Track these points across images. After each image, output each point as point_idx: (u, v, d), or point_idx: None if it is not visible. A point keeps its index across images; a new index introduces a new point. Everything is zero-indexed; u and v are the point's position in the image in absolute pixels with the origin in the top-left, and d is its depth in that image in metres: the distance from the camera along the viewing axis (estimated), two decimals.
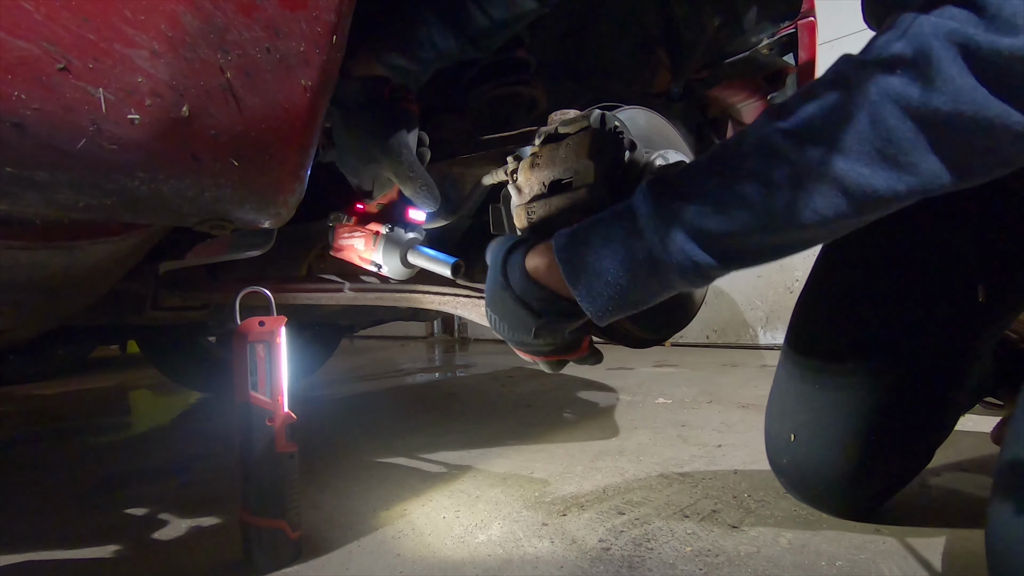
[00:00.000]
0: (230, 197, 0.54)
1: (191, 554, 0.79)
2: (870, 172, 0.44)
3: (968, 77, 0.39)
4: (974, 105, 0.40)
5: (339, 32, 0.53)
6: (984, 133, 0.40)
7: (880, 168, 0.43)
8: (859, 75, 0.44)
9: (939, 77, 0.40)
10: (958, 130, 0.41)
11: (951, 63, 0.40)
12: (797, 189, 0.46)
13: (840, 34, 2.73)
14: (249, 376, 0.71)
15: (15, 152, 0.43)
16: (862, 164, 0.44)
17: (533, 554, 0.73)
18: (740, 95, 1.25)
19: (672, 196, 0.51)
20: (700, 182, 0.50)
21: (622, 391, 1.87)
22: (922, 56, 0.41)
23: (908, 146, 0.42)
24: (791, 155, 0.46)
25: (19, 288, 0.71)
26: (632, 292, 0.53)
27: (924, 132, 0.42)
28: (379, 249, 0.77)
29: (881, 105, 0.42)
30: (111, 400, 2.22)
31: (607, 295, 0.53)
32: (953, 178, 0.43)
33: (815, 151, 0.45)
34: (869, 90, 0.43)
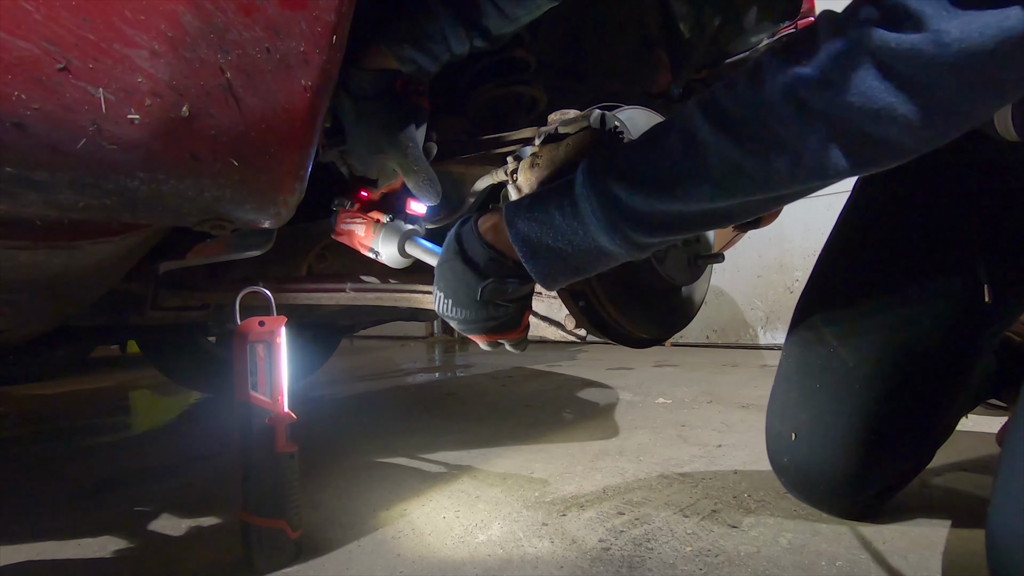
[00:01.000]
0: (230, 197, 0.54)
1: (191, 554, 0.79)
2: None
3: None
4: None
5: (339, 32, 0.53)
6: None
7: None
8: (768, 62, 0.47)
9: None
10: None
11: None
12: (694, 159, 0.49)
13: None
14: (249, 376, 0.71)
15: (15, 152, 0.43)
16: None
17: (533, 554, 0.73)
18: None
19: (605, 172, 0.54)
20: (629, 158, 0.54)
21: (622, 391, 1.87)
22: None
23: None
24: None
25: (19, 288, 0.71)
26: (573, 259, 0.56)
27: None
28: (379, 236, 0.78)
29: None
30: (111, 400, 2.22)
31: (549, 259, 0.56)
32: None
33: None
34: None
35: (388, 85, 0.71)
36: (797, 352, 0.83)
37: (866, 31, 0.40)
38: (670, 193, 0.51)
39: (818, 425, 0.78)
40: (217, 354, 1.98)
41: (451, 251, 0.62)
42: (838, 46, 0.42)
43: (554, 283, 0.58)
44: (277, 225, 0.62)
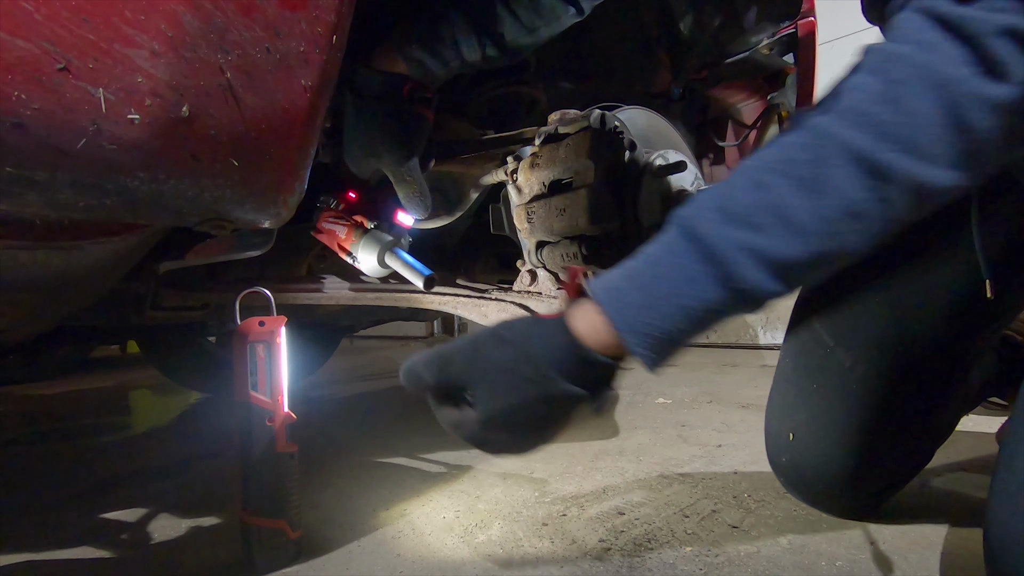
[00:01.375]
0: (230, 197, 0.54)
1: (191, 554, 0.79)
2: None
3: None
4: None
5: (339, 32, 0.53)
6: None
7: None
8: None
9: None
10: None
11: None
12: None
13: (840, 34, 2.73)
14: (249, 376, 0.71)
15: (15, 152, 0.43)
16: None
17: (533, 554, 0.73)
18: (740, 95, 1.25)
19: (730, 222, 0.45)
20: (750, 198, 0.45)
21: (622, 391, 1.87)
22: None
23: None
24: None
25: (19, 288, 0.71)
26: (691, 333, 0.48)
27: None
28: (359, 242, 0.77)
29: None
30: (111, 400, 2.22)
31: (665, 341, 0.47)
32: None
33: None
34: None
35: (394, 88, 0.69)
36: (794, 352, 0.83)
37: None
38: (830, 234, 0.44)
39: (815, 425, 0.78)
40: (217, 354, 1.98)
41: (535, 377, 0.48)
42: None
43: (661, 366, 0.49)
44: (277, 225, 0.62)
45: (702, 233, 0.45)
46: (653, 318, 0.46)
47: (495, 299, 0.89)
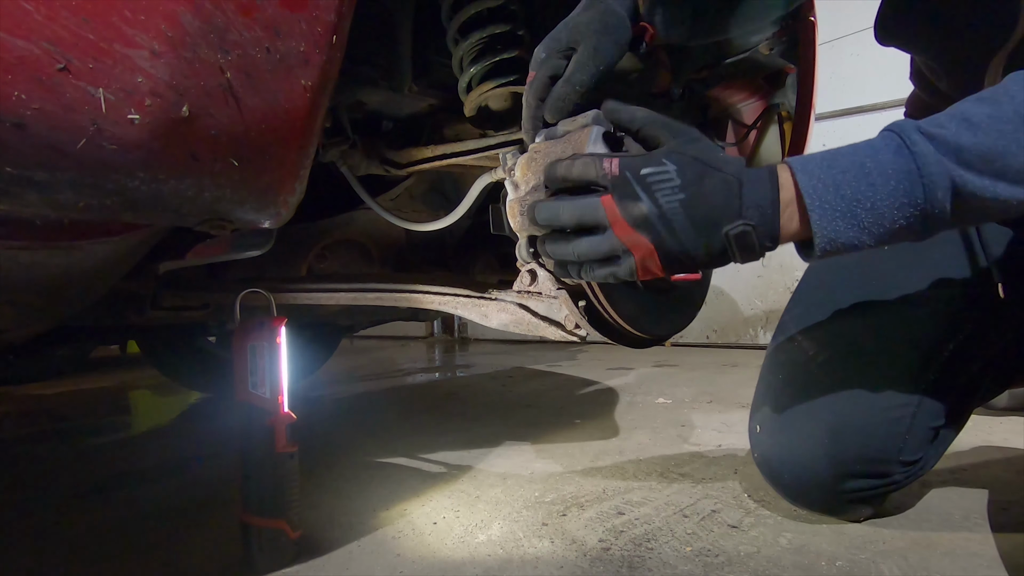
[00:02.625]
0: (230, 197, 0.54)
1: (191, 554, 0.79)
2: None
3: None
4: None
5: (339, 32, 0.53)
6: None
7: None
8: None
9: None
10: None
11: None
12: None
13: (840, 34, 2.73)
14: (249, 376, 0.71)
15: (15, 152, 0.43)
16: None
17: (533, 554, 0.73)
18: (740, 95, 1.25)
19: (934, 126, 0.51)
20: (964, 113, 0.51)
21: (622, 391, 1.87)
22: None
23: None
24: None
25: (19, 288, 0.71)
26: (877, 215, 0.50)
27: None
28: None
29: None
30: (111, 400, 2.22)
31: (843, 209, 0.50)
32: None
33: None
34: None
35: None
36: (770, 353, 0.86)
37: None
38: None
39: (779, 415, 0.78)
40: (217, 354, 1.98)
41: (729, 165, 0.52)
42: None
43: (831, 251, 0.52)
44: (277, 225, 0.62)
45: (890, 125, 0.52)
46: (830, 169, 0.50)
47: (495, 299, 0.89)
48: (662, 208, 0.51)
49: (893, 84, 2.54)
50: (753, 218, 0.51)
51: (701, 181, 0.51)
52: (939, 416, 0.75)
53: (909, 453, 0.74)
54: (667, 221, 0.51)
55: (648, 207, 0.51)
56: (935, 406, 0.74)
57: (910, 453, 0.74)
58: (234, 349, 0.72)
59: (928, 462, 0.78)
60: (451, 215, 0.95)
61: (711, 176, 0.51)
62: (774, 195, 0.51)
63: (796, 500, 0.81)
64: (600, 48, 0.61)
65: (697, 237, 0.51)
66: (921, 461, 0.76)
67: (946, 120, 0.50)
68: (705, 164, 0.52)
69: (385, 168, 0.98)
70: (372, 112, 0.96)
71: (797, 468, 0.76)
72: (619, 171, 0.52)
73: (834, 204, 0.50)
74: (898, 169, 0.49)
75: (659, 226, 0.51)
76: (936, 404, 0.74)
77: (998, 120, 0.49)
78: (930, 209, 0.50)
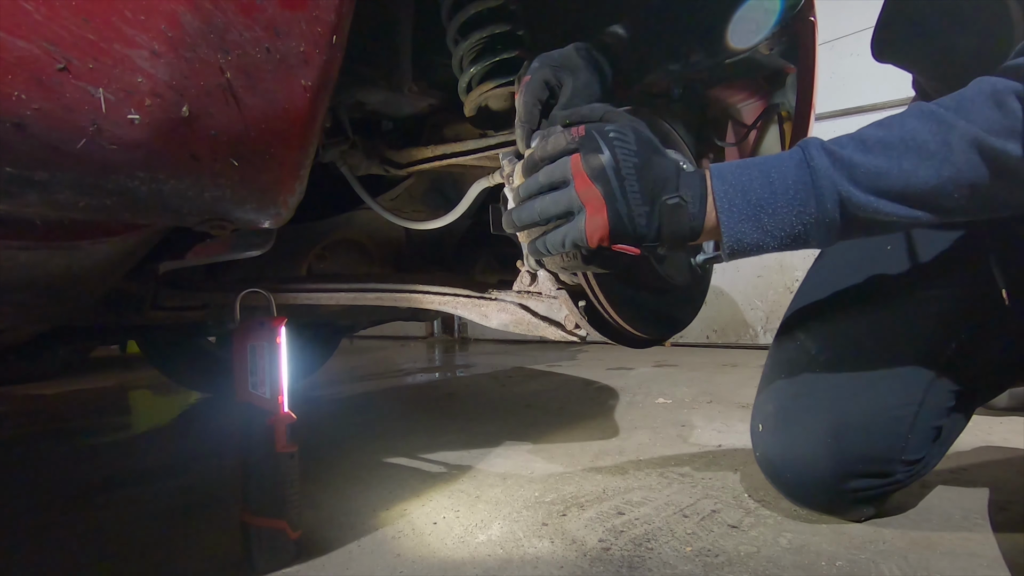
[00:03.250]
0: (230, 197, 0.54)
1: (191, 554, 0.79)
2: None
3: None
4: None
5: (339, 32, 0.53)
6: None
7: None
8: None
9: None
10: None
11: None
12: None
13: (840, 34, 2.73)
14: (249, 376, 0.71)
15: (15, 152, 0.43)
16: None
17: (533, 554, 0.73)
18: (740, 95, 1.25)
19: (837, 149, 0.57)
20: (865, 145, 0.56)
21: (622, 391, 1.87)
22: None
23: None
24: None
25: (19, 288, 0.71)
26: (777, 220, 0.57)
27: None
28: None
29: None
30: (111, 400, 2.22)
31: (747, 213, 0.57)
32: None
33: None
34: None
35: None
36: (772, 352, 0.86)
37: None
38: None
39: (782, 413, 0.78)
40: (217, 354, 1.98)
41: (675, 163, 0.60)
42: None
43: (738, 253, 0.58)
44: (277, 225, 0.62)
45: (800, 143, 0.58)
46: (740, 175, 0.57)
47: (495, 299, 0.89)
48: (619, 162, 0.56)
49: (893, 84, 2.54)
50: (687, 196, 0.57)
51: (651, 155, 0.58)
52: (942, 415, 0.75)
53: (912, 452, 0.74)
54: (620, 176, 0.56)
55: (607, 159, 0.56)
56: (938, 405, 0.74)
57: (913, 452, 0.74)
58: (234, 349, 0.72)
59: (930, 461, 0.78)
60: (447, 216, 0.95)
61: (659, 155, 0.59)
62: (703, 189, 0.58)
63: (798, 499, 0.81)
64: (585, 85, 0.70)
65: (642, 201, 0.57)
66: (923, 460, 0.76)
67: (847, 140, 0.57)
68: (655, 145, 0.60)
69: (385, 168, 0.98)
70: (372, 112, 0.96)
71: (799, 467, 0.76)
72: (585, 131, 0.58)
73: (741, 208, 0.57)
74: (797, 180, 0.56)
75: (613, 179, 0.56)
76: (938, 403, 0.74)
77: (887, 145, 0.55)
78: (822, 218, 0.56)
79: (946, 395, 0.74)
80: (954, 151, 0.53)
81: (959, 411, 0.77)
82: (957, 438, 0.80)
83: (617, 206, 0.56)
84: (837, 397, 0.74)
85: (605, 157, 0.56)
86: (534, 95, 0.69)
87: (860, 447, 0.73)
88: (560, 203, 0.58)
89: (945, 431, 0.77)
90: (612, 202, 0.56)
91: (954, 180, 0.54)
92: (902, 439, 0.73)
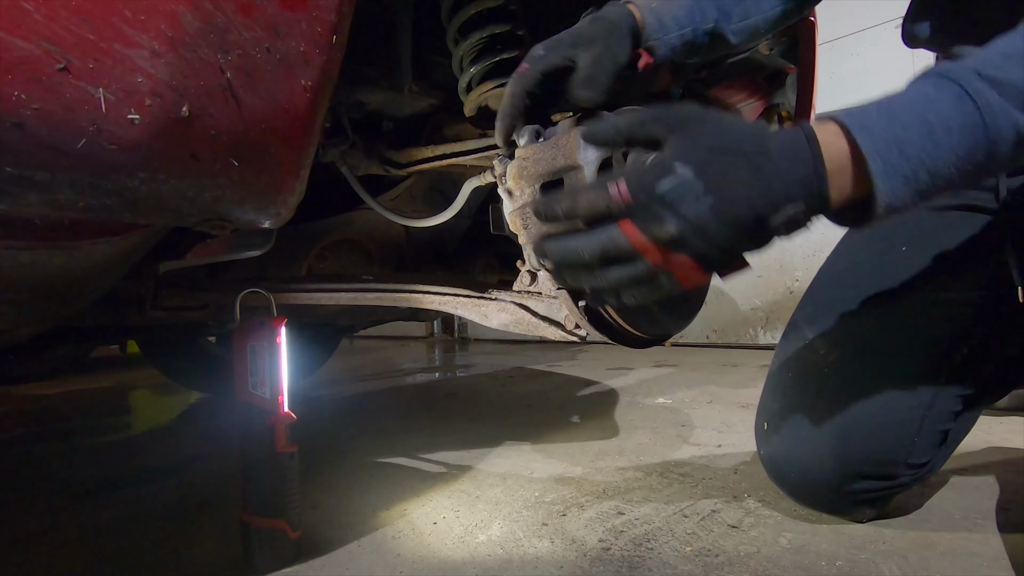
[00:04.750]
0: (230, 197, 0.54)
1: (191, 554, 0.79)
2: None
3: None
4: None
5: (339, 32, 0.53)
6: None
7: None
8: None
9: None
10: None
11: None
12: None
13: (840, 34, 2.73)
14: (249, 376, 0.71)
15: (15, 152, 0.43)
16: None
17: (533, 554, 0.73)
18: (740, 95, 1.25)
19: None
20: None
21: (622, 391, 1.87)
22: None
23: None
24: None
25: (19, 288, 0.71)
26: (938, 180, 0.46)
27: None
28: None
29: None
30: (111, 400, 2.22)
31: (908, 175, 0.45)
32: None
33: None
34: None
35: None
36: (779, 351, 0.85)
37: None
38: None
39: (788, 412, 0.77)
40: (217, 354, 1.98)
41: (753, 143, 0.46)
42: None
43: (902, 205, 0.46)
44: (277, 225, 0.62)
45: (940, 70, 0.46)
46: (891, 125, 0.45)
47: (495, 299, 0.89)
48: (692, 221, 0.44)
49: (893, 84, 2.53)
50: (801, 197, 0.45)
51: (727, 175, 0.45)
52: (949, 419, 0.74)
53: (917, 456, 0.74)
54: (702, 231, 0.45)
55: (676, 225, 0.45)
56: (946, 409, 0.73)
57: (918, 456, 0.74)
58: (234, 349, 0.72)
59: (936, 465, 0.77)
60: (442, 215, 0.95)
61: (736, 164, 0.45)
62: (819, 166, 0.45)
63: (801, 499, 0.80)
64: (608, 51, 0.59)
65: (740, 235, 0.46)
66: (929, 464, 0.76)
67: (1002, 60, 0.45)
68: (724, 151, 0.45)
69: (385, 168, 0.98)
70: (372, 112, 0.96)
71: (803, 467, 0.76)
72: (631, 195, 0.46)
73: (899, 167, 0.45)
74: (963, 123, 0.44)
75: (694, 240, 0.45)
76: (947, 407, 0.73)
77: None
78: (987, 163, 0.45)
79: (954, 399, 0.74)
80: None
81: (966, 414, 0.76)
82: (963, 440, 0.80)
83: (709, 255, 0.46)
84: (844, 398, 0.74)
85: (673, 225, 0.45)
86: (522, 85, 0.60)
87: (866, 449, 0.72)
88: (639, 276, 0.48)
89: (952, 434, 0.76)
90: (703, 257, 0.46)
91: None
92: (908, 442, 0.73)
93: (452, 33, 0.80)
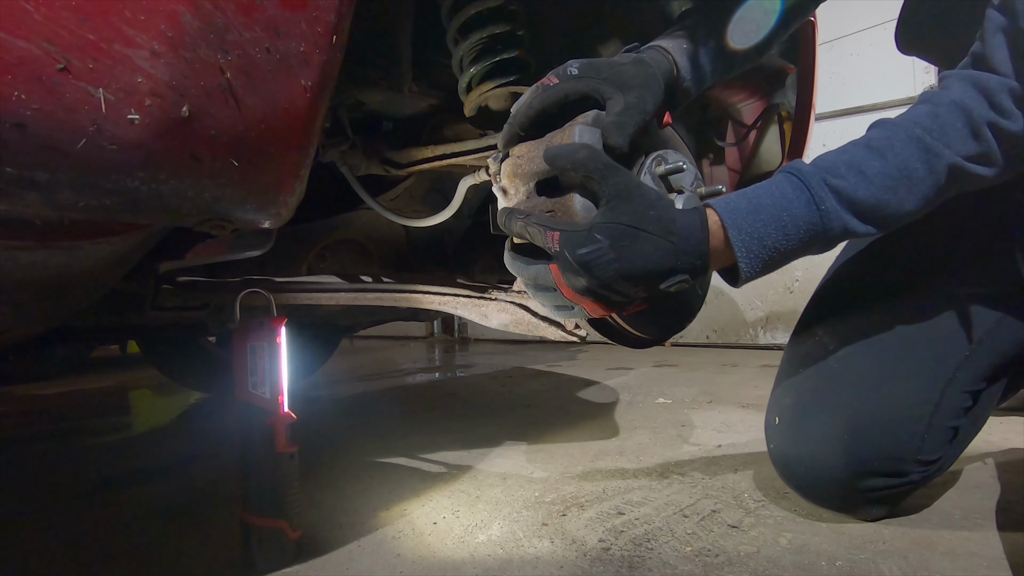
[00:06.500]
0: (230, 197, 0.54)
1: (191, 554, 0.79)
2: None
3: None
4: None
5: (339, 32, 0.53)
6: None
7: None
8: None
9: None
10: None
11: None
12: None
13: (840, 34, 2.73)
14: (249, 376, 0.71)
15: (15, 152, 0.43)
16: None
17: (533, 554, 0.73)
18: (740, 95, 1.25)
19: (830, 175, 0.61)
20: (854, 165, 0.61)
21: (622, 391, 1.87)
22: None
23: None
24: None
25: (19, 288, 0.71)
26: (786, 257, 0.62)
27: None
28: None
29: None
30: (111, 400, 2.22)
31: (764, 258, 0.61)
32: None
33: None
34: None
35: None
36: (790, 347, 0.86)
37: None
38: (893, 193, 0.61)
39: (798, 408, 0.78)
40: (217, 354, 1.98)
41: (660, 227, 0.58)
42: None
43: (754, 276, 0.62)
44: (277, 225, 0.62)
45: (799, 172, 0.61)
46: (755, 222, 0.59)
47: (495, 299, 0.89)
48: (600, 279, 0.57)
49: (893, 84, 2.54)
50: (687, 270, 0.59)
51: (634, 249, 0.57)
52: (959, 415, 0.74)
53: (928, 452, 0.73)
54: (606, 287, 0.58)
55: (587, 281, 0.58)
56: (955, 405, 0.73)
57: (929, 452, 0.74)
58: (234, 349, 0.72)
59: (946, 463, 0.77)
60: (440, 214, 0.95)
61: (643, 241, 0.57)
62: (705, 247, 0.59)
63: (809, 496, 0.80)
64: (641, 103, 0.64)
65: (636, 291, 0.59)
66: (939, 461, 0.75)
67: (845, 170, 0.60)
68: (637, 229, 0.57)
69: (385, 168, 0.98)
70: (372, 112, 0.96)
71: (813, 463, 0.76)
72: (559, 248, 0.58)
73: (759, 254, 0.60)
74: (808, 223, 0.60)
75: (599, 292, 0.59)
76: (956, 403, 0.73)
77: (886, 176, 0.60)
78: (820, 248, 0.63)
79: (964, 395, 0.74)
80: (939, 176, 0.61)
81: (977, 411, 0.76)
82: (975, 438, 0.80)
83: (611, 302, 0.61)
84: (854, 394, 0.74)
85: (584, 280, 0.58)
86: (543, 101, 0.64)
87: (876, 445, 0.72)
88: (555, 303, 0.64)
89: (962, 432, 0.76)
90: (606, 303, 0.61)
91: (933, 200, 0.62)
92: (918, 439, 0.73)
93: (452, 33, 0.80)
